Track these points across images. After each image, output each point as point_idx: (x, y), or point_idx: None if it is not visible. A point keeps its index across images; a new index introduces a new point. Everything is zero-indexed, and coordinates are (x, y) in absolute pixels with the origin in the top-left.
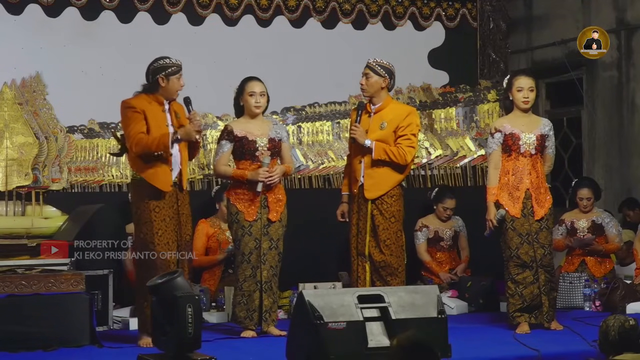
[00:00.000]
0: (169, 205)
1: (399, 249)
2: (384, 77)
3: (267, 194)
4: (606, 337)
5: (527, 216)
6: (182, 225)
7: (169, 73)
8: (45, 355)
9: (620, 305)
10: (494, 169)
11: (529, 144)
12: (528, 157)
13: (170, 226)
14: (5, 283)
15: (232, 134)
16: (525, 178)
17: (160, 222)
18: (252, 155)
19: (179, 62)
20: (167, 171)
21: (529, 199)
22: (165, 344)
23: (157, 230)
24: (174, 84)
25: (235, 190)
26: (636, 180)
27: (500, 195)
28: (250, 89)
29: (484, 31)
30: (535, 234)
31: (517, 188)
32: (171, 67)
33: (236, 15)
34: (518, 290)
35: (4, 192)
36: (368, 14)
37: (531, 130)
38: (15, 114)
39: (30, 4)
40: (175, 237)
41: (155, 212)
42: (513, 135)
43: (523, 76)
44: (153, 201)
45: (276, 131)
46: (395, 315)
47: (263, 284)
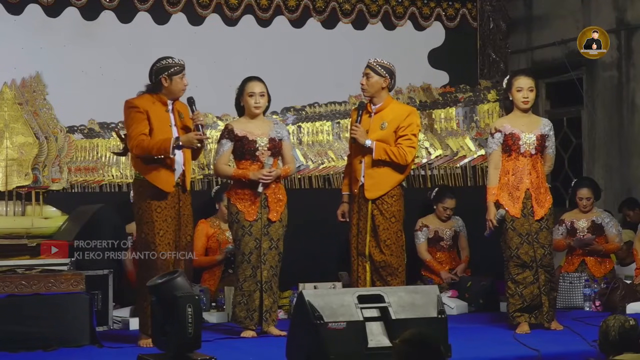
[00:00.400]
0: (170, 206)
1: (399, 249)
2: (385, 77)
3: (268, 193)
4: (606, 337)
5: (527, 216)
6: (183, 225)
7: (172, 73)
8: (45, 355)
9: (620, 305)
10: (494, 169)
11: (529, 144)
12: (528, 157)
13: (171, 227)
14: (5, 283)
15: (232, 133)
16: (525, 178)
17: (162, 223)
18: (252, 155)
19: (182, 62)
20: (170, 172)
21: (529, 199)
22: (165, 344)
23: (159, 231)
24: (177, 84)
25: (236, 190)
26: (636, 180)
27: (500, 195)
28: (250, 90)
29: (484, 31)
30: (535, 234)
31: (517, 188)
32: (174, 67)
33: (236, 15)
34: (518, 290)
35: (4, 192)
36: (368, 14)
37: (531, 130)
38: (15, 114)
39: (30, 4)
40: (175, 238)
41: (157, 212)
42: (513, 135)
43: (523, 76)
44: (155, 201)
45: (277, 131)
46: (395, 315)
47: (263, 284)
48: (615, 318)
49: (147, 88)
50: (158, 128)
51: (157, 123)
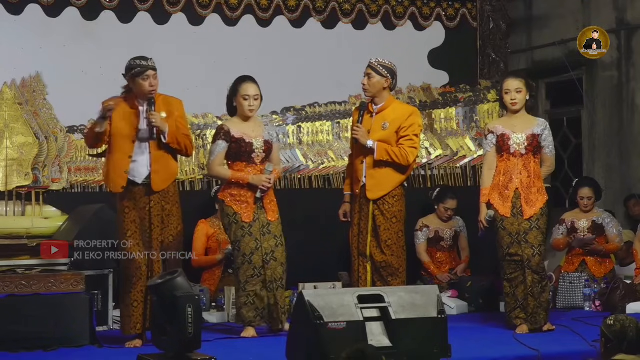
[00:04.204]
0: (140, 207)
1: (400, 249)
2: (386, 77)
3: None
4: (623, 337)
5: (517, 215)
6: (161, 225)
7: (134, 74)
8: (45, 355)
9: (620, 305)
10: (487, 170)
11: (519, 144)
12: (518, 157)
13: (140, 227)
14: (5, 283)
15: (229, 135)
16: (515, 178)
17: (130, 224)
18: (248, 157)
19: (148, 63)
20: (121, 173)
21: (518, 199)
22: (165, 344)
23: (126, 231)
24: (140, 86)
25: (230, 191)
26: (636, 180)
27: (492, 195)
28: (244, 92)
29: (484, 31)
30: (525, 234)
31: (506, 187)
32: (136, 68)
33: (236, 15)
34: (511, 289)
35: (4, 192)
36: (368, 14)
37: (522, 131)
38: (15, 114)
39: (30, 4)
40: (147, 238)
41: (125, 213)
42: (504, 136)
43: (510, 78)
44: (124, 202)
45: (269, 132)
46: (395, 315)
47: (273, 282)
48: (628, 319)
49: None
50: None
51: (118, 124)
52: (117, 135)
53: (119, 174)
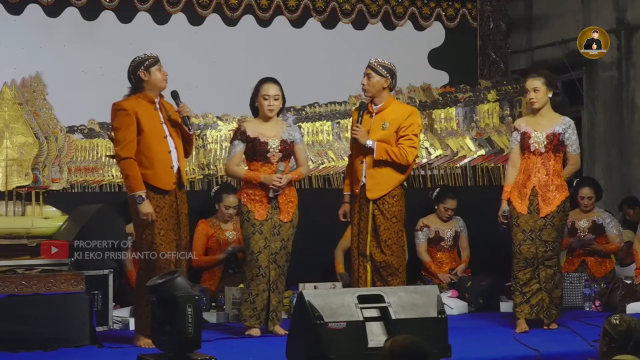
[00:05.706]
0: (169, 205)
1: (399, 249)
2: (386, 77)
3: (278, 195)
4: (629, 337)
5: (533, 213)
6: (182, 225)
7: (148, 65)
8: (45, 355)
9: (620, 305)
10: (511, 167)
11: (539, 143)
12: (538, 156)
13: (171, 225)
14: (5, 283)
15: (245, 135)
16: (533, 176)
17: (162, 222)
18: (263, 157)
19: (154, 55)
20: (169, 170)
21: (536, 197)
22: (165, 344)
23: (159, 230)
24: (155, 75)
25: (247, 191)
26: (636, 180)
27: (512, 192)
28: (264, 92)
29: (484, 31)
30: (539, 231)
31: (524, 185)
32: (148, 60)
33: (236, 15)
34: (518, 286)
35: (4, 192)
36: (368, 14)
37: (543, 129)
38: (15, 114)
39: (30, 4)
40: (175, 237)
41: (156, 212)
42: (525, 134)
43: (529, 77)
44: (154, 201)
45: (289, 133)
46: (395, 315)
47: (271, 283)
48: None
49: (130, 90)
50: (149, 128)
51: (147, 122)
52: (150, 133)
53: (166, 170)
